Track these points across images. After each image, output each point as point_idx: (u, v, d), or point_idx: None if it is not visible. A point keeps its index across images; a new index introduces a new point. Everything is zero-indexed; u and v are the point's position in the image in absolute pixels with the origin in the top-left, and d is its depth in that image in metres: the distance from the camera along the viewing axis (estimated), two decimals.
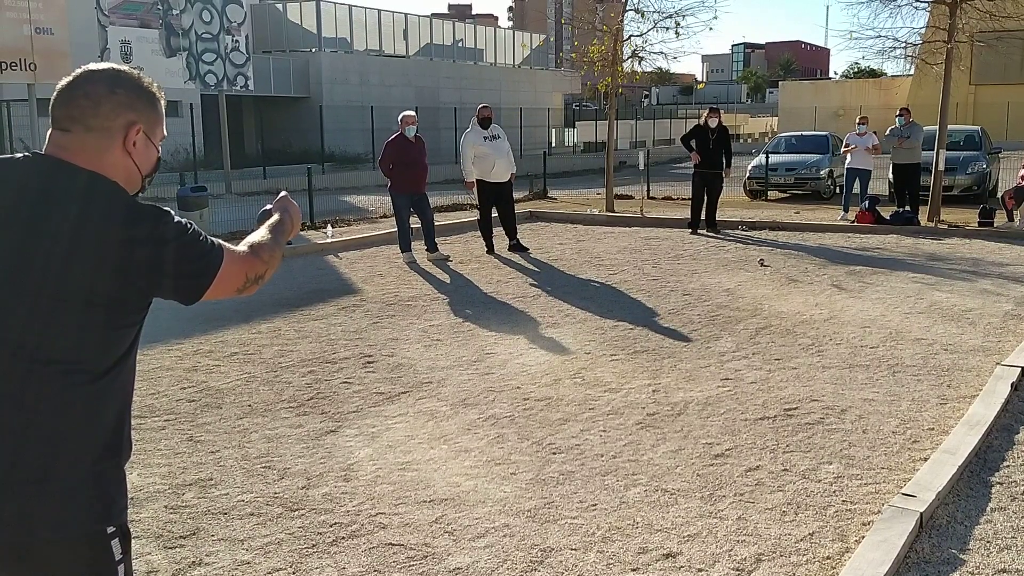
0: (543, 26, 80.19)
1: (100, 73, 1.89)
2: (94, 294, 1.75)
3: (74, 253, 1.74)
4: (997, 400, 5.23)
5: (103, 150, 1.85)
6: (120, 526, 1.83)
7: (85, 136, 1.83)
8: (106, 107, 1.85)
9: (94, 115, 1.84)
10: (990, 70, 36.58)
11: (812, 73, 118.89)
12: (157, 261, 1.78)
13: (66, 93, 1.86)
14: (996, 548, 3.59)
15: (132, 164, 1.89)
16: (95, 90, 1.86)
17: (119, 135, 1.86)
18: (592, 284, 9.54)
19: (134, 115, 1.88)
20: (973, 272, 9.91)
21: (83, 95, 1.85)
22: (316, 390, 5.83)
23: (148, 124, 1.92)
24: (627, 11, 16.66)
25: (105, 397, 1.81)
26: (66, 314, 1.74)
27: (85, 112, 1.84)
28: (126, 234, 1.76)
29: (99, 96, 1.85)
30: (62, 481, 1.75)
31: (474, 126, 11.41)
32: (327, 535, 3.76)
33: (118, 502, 1.84)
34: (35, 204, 1.77)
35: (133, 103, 1.88)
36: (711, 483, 4.25)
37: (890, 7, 15.17)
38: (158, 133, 1.95)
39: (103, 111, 1.85)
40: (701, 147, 13.28)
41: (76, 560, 1.77)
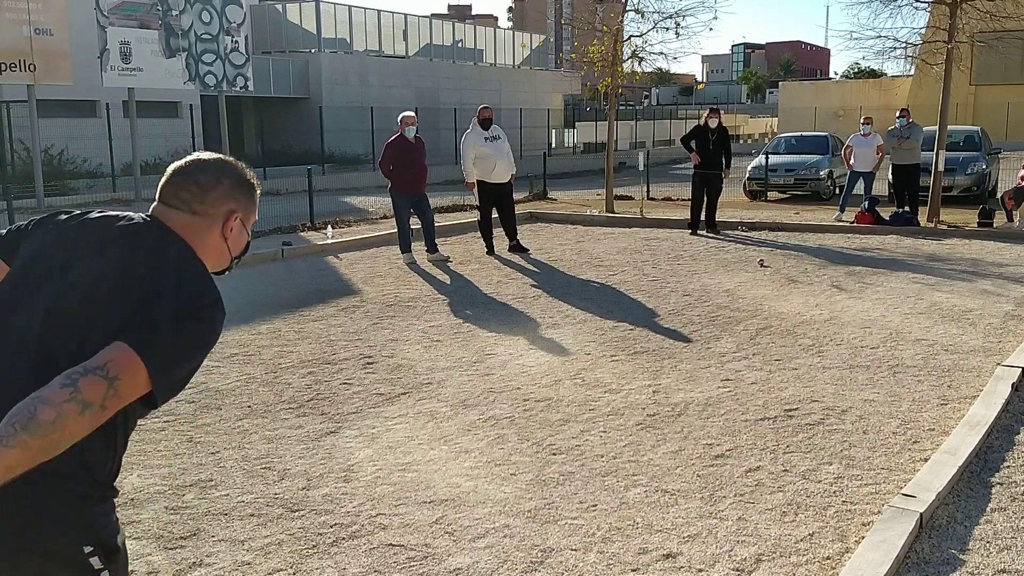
0: (543, 26, 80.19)
1: (211, 164, 2.05)
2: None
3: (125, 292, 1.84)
4: (997, 401, 5.23)
5: (203, 232, 2.00)
6: (100, 543, 1.82)
7: (190, 218, 1.99)
8: (212, 196, 2.01)
9: (200, 202, 1.99)
10: (990, 70, 36.58)
11: (812, 73, 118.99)
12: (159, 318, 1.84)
13: (178, 178, 2.01)
14: (996, 548, 3.59)
15: (226, 248, 2.06)
16: (205, 180, 2.01)
17: (219, 222, 2.02)
18: (592, 285, 9.54)
19: (235, 204, 2.04)
20: (973, 272, 9.91)
21: (194, 183, 2.00)
22: (316, 391, 5.83)
23: (245, 213, 2.07)
24: (627, 11, 16.67)
25: (108, 429, 1.83)
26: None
27: (193, 197, 1.99)
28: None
29: (208, 185, 2.01)
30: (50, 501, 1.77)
31: (475, 127, 11.41)
32: (327, 536, 3.76)
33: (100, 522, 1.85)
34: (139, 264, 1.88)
35: (235, 194, 2.04)
36: (711, 484, 4.25)
37: (890, 7, 15.18)
38: (252, 220, 2.11)
39: (209, 199, 2.00)
40: (701, 148, 13.27)
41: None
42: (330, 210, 16.53)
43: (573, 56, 26.33)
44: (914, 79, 36.42)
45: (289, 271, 10.76)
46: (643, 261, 11.03)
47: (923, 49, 15.88)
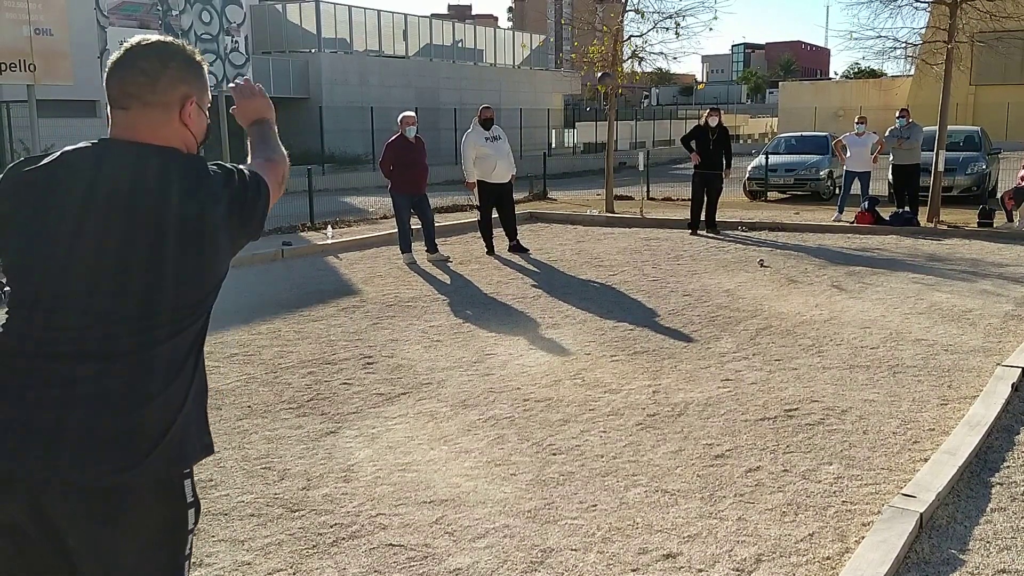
0: (543, 26, 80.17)
1: (151, 48, 1.94)
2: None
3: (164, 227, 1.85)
4: (997, 401, 5.23)
5: (163, 123, 1.93)
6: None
7: (144, 111, 1.91)
8: (162, 82, 1.92)
9: (152, 91, 1.91)
10: (990, 70, 36.58)
11: (812, 73, 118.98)
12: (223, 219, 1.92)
13: (120, 72, 1.92)
14: (996, 548, 3.59)
15: (189, 133, 1.99)
16: (150, 66, 1.92)
17: (175, 108, 1.95)
18: (592, 285, 9.54)
19: (187, 87, 1.96)
20: (973, 273, 9.91)
21: (140, 72, 1.91)
22: (316, 391, 5.83)
23: (199, 94, 2.00)
24: (627, 11, 16.67)
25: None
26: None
27: (143, 88, 1.91)
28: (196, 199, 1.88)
29: (154, 71, 1.92)
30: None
31: (475, 126, 11.40)
32: (327, 536, 3.76)
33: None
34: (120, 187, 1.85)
35: (185, 75, 1.96)
36: (711, 484, 4.25)
37: (890, 7, 15.17)
38: (206, 101, 2.04)
39: (160, 87, 1.92)
40: (701, 147, 13.27)
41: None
42: (330, 210, 16.53)
43: (573, 56, 26.33)
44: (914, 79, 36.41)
45: (289, 271, 10.76)
46: (643, 261, 11.03)
47: (923, 49, 15.88)
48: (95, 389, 1.78)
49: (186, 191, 1.85)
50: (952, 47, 13.72)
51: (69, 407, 1.77)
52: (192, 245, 1.85)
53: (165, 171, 1.87)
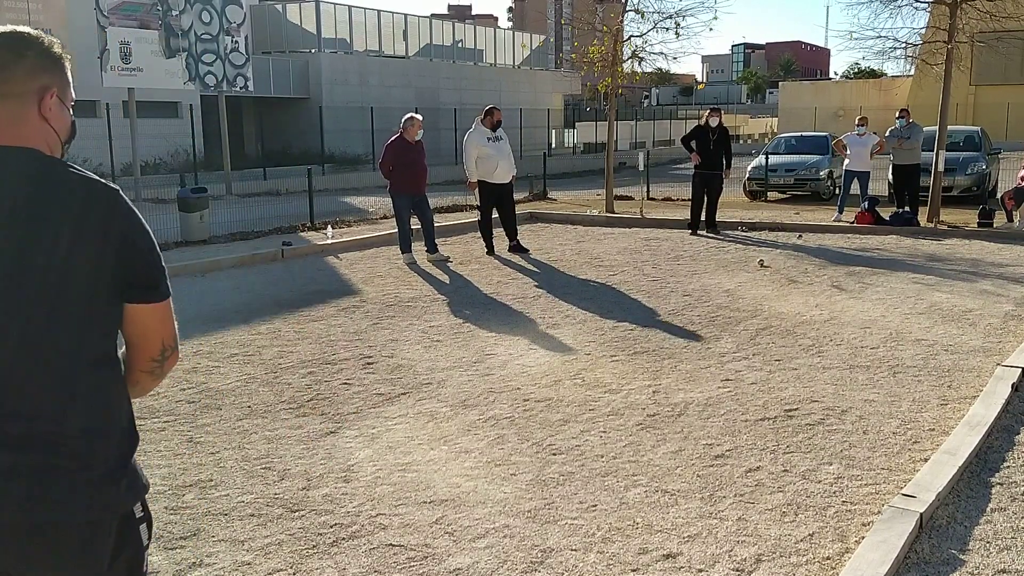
0: (543, 27, 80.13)
1: (4, 37, 1.80)
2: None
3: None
4: (997, 401, 5.23)
5: (19, 118, 1.78)
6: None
7: (1, 105, 1.76)
8: (19, 72, 1.78)
9: (5, 81, 1.76)
10: (990, 71, 36.58)
11: (812, 73, 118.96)
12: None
13: None
14: (996, 548, 3.59)
15: (50, 129, 1.83)
16: (4, 55, 1.78)
17: (33, 101, 1.79)
18: (592, 285, 9.54)
19: (47, 78, 1.82)
20: (973, 273, 9.91)
21: (5, 43, 1.77)
22: (316, 391, 5.83)
23: (61, 88, 1.85)
24: (627, 11, 16.67)
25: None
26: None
27: (11, 64, 1.77)
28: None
29: (8, 60, 1.77)
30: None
31: (478, 126, 11.39)
32: (327, 536, 3.76)
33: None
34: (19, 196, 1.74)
35: (44, 64, 1.82)
36: (711, 484, 4.25)
37: (890, 7, 15.18)
38: (69, 96, 1.88)
39: (16, 77, 1.77)
40: (702, 148, 13.26)
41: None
42: (330, 210, 16.53)
43: (573, 56, 26.34)
44: (914, 79, 36.40)
45: (289, 271, 10.76)
46: (643, 261, 11.03)
47: (923, 49, 15.88)
48: None
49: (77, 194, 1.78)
50: (952, 47, 13.72)
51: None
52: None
53: (56, 176, 1.77)
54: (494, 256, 11.48)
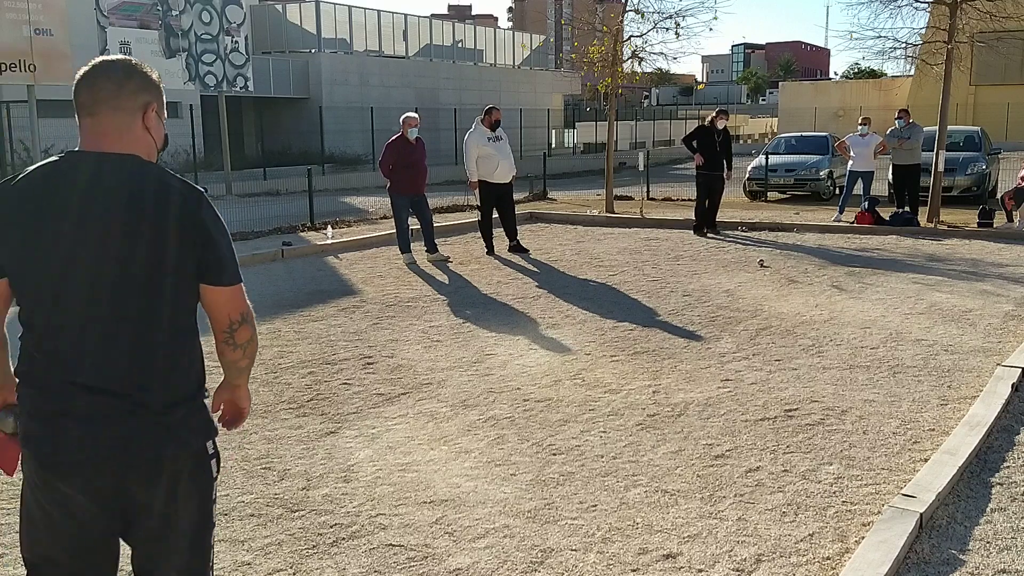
0: (543, 27, 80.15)
1: (116, 63, 2.23)
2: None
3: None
4: (997, 401, 5.23)
5: (128, 128, 2.20)
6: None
7: (114, 116, 2.19)
8: (128, 89, 2.20)
9: (117, 96, 2.19)
10: (990, 71, 36.60)
11: (812, 74, 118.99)
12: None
13: (91, 80, 2.21)
14: (996, 549, 3.59)
15: (150, 139, 2.25)
16: (117, 75, 2.21)
17: (139, 114, 2.22)
18: (592, 285, 9.54)
19: (149, 96, 2.24)
20: (973, 273, 9.91)
21: (107, 79, 2.20)
22: (316, 391, 5.83)
23: (159, 104, 2.27)
24: (627, 12, 16.67)
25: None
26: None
27: (110, 94, 2.19)
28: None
29: (121, 80, 2.20)
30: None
31: (478, 126, 11.38)
32: (327, 536, 3.76)
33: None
34: (119, 196, 2.14)
35: (147, 85, 2.24)
36: (711, 484, 4.25)
37: (890, 8, 15.19)
38: (163, 113, 2.30)
39: (125, 93, 2.20)
40: (707, 149, 13.20)
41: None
42: (330, 210, 16.53)
43: (573, 56, 26.34)
44: (914, 79, 36.42)
45: (289, 271, 10.76)
46: (643, 261, 11.03)
47: (923, 49, 15.89)
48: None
49: (170, 201, 2.17)
50: (952, 47, 13.72)
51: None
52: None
53: (151, 180, 2.17)
54: (494, 256, 11.48)
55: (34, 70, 16.91)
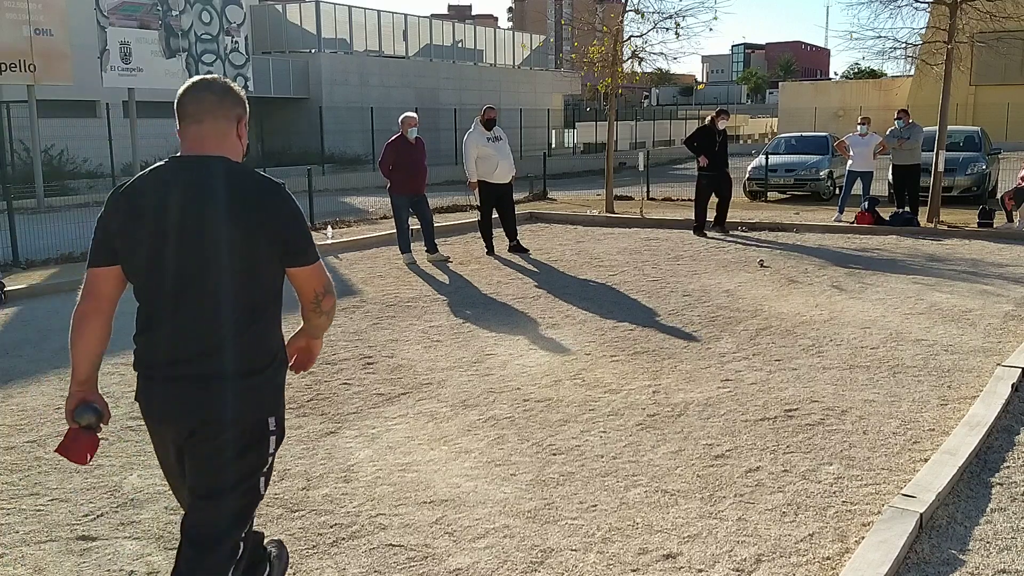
0: (543, 27, 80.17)
1: (215, 81, 2.66)
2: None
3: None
4: (997, 401, 5.23)
5: (226, 134, 2.64)
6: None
7: (215, 124, 2.61)
8: (227, 102, 2.64)
9: (219, 107, 2.62)
10: (990, 71, 36.60)
11: (812, 74, 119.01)
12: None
13: (195, 92, 2.63)
14: (996, 549, 3.59)
15: (240, 145, 2.69)
16: (218, 89, 2.64)
17: (234, 124, 2.66)
18: (592, 285, 9.54)
19: (240, 110, 2.68)
20: (973, 273, 9.91)
21: (210, 92, 2.62)
22: (316, 391, 5.83)
23: (247, 117, 2.71)
24: (627, 12, 16.67)
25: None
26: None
27: (213, 105, 2.61)
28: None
29: (221, 93, 2.64)
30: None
31: (477, 126, 11.39)
32: (327, 536, 3.76)
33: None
34: (214, 193, 2.54)
35: (239, 100, 2.68)
36: (711, 484, 4.25)
37: (890, 8, 15.19)
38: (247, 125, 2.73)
39: (225, 105, 2.63)
40: (708, 149, 13.17)
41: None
42: (330, 210, 16.53)
43: (573, 56, 26.35)
44: (914, 79, 36.44)
45: None
46: (643, 261, 11.03)
47: (923, 49, 15.89)
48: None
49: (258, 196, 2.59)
50: (952, 47, 13.72)
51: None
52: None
53: (241, 178, 2.59)
54: (494, 256, 11.48)
55: (34, 70, 16.91)
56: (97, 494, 4.23)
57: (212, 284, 2.52)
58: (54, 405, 5.61)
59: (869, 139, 14.38)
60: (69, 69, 17.78)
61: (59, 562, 3.57)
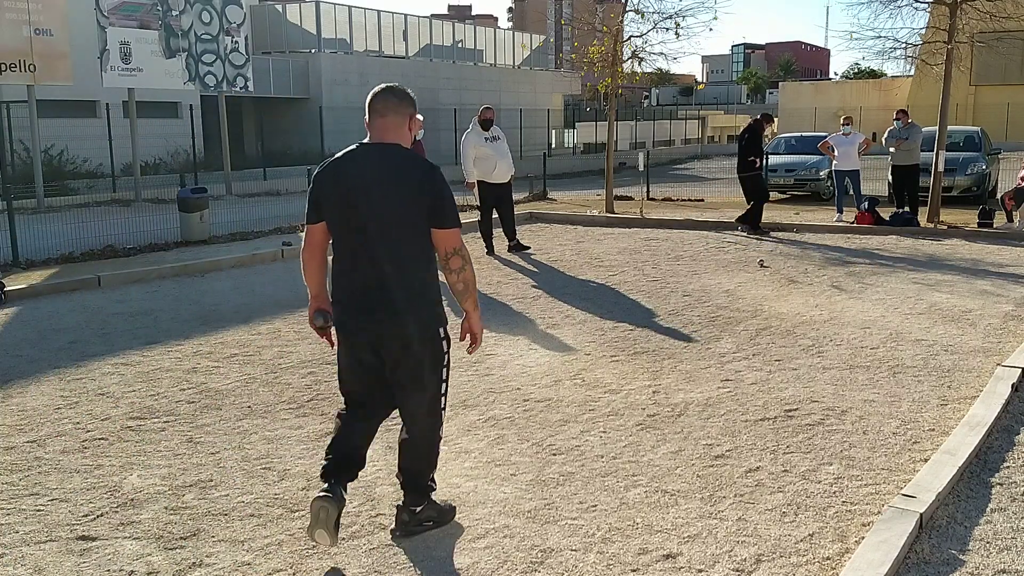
0: (543, 27, 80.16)
1: (395, 88, 3.59)
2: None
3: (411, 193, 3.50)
4: (997, 401, 5.23)
5: (401, 127, 3.56)
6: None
7: (395, 118, 3.54)
8: (405, 104, 3.56)
9: (398, 107, 3.55)
10: (990, 71, 36.61)
11: (812, 74, 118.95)
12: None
13: (383, 95, 3.55)
14: (996, 549, 3.59)
15: (410, 136, 3.61)
16: (398, 92, 3.57)
17: (407, 120, 3.58)
18: (592, 285, 9.54)
19: (412, 109, 3.60)
20: (973, 273, 9.91)
21: (393, 95, 3.56)
22: (316, 391, 5.83)
23: (415, 115, 3.63)
24: (627, 12, 16.67)
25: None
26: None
27: (393, 105, 3.54)
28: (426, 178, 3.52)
29: (399, 97, 3.57)
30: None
31: (475, 126, 11.39)
32: None
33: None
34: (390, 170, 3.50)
35: (411, 101, 3.59)
36: (711, 484, 4.25)
37: (890, 8, 15.19)
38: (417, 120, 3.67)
39: (403, 106, 3.56)
40: (757, 150, 13.44)
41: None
42: None
43: (573, 56, 26.34)
44: (914, 79, 36.44)
45: (289, 271, 10.76)
46: (643, 261, 11.03)
47: (923, 49, 15.89)
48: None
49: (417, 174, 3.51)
50: (952, 47, 13.72)
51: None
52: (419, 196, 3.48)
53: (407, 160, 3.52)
54: (494, 256, 11.47)
55: (34, 70, 16.90)
56: (97, 494, 4.23)
57: (390, 234, 3.46)
58: (54, 405, 5.61)
59: (853, 138, 14.40)
60: (69, 69, 17.77)
61: (59, 562, 3.57)
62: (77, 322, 7.96)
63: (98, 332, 7.60)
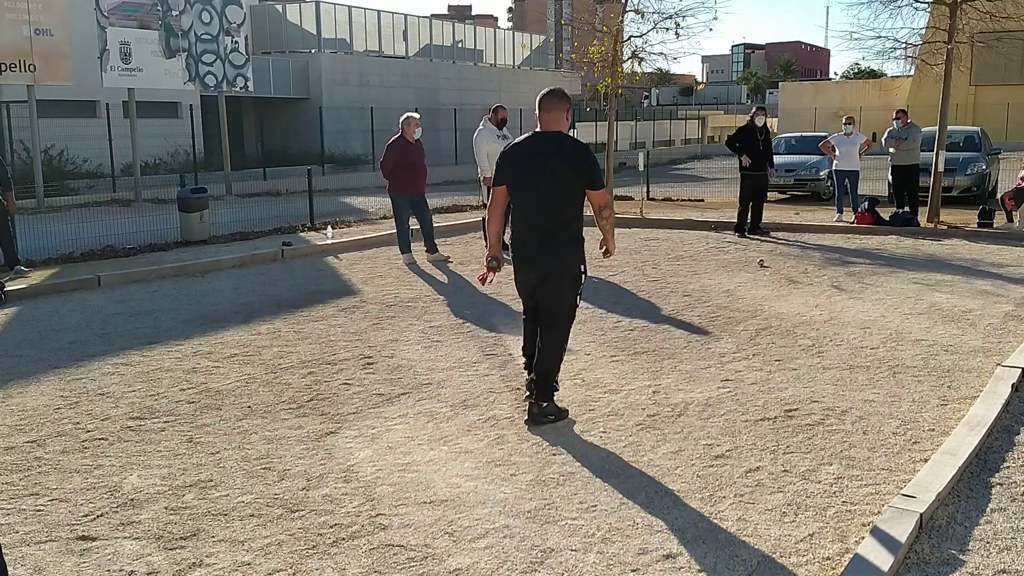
0: (543, 27, 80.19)
1: (556, 89, 5.09)
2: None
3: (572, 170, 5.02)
4: (997, 401, 5.23)
5: (562, 120, 5.06)
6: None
7: (559, 114, 5.03)
8: (564, 102, 5.06)
9: (559, 105, 5.03)
10: (990, 71, 36.61)
11: (812, 74, 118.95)
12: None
13: (549, 97, 5.04)
14: (996, 549, 3.59)
15: (567, 125, 5.11)
16: (558, 93, 5.08)
17: (565, 113, 5.06)
18: (592, 285, 9.53)
19: (568, 104, 5.08)
20: (973, 273, 9.91)
21: (555, 96, 5.04)
22: (316, 391, 5.83)
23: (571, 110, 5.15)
24: (627, 12, 16.67)
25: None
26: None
27: (555, 103, 5.03)
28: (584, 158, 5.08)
29: (560, 97, 5.07)
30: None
31: (486, 125, 11.34)
32: (327, 536, 3.76)
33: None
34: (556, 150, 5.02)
35: (568, 101, 5.08)
36: (711, 484, 4.25)
37: (890, 8, 15.20)
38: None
39: (563, 103, 5.05)
40: (751, 149, 13.03)
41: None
42: (330, 210, 16.53)
43: (573, 56, 26.34)
44: (914, 79, 36.44)
45: (289, 271, 10.76)
46: (643, 261, 11.03)
47: (923, 49, 15.89)
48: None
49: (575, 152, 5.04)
50: (952, 47, 13.72)
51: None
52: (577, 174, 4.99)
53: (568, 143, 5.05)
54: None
55: (34, 70, 16.91)
56: (97, 494, 4.23)
57: (556, 197, 4.95)
58: (54, 405, 5.61)
59: (854, 139, 14.38)
60: (69, 69, 17.78)
61: (59, 562, 3.57)
62: (77, 322, 7.96)
63: (98, 332, 7.60)
